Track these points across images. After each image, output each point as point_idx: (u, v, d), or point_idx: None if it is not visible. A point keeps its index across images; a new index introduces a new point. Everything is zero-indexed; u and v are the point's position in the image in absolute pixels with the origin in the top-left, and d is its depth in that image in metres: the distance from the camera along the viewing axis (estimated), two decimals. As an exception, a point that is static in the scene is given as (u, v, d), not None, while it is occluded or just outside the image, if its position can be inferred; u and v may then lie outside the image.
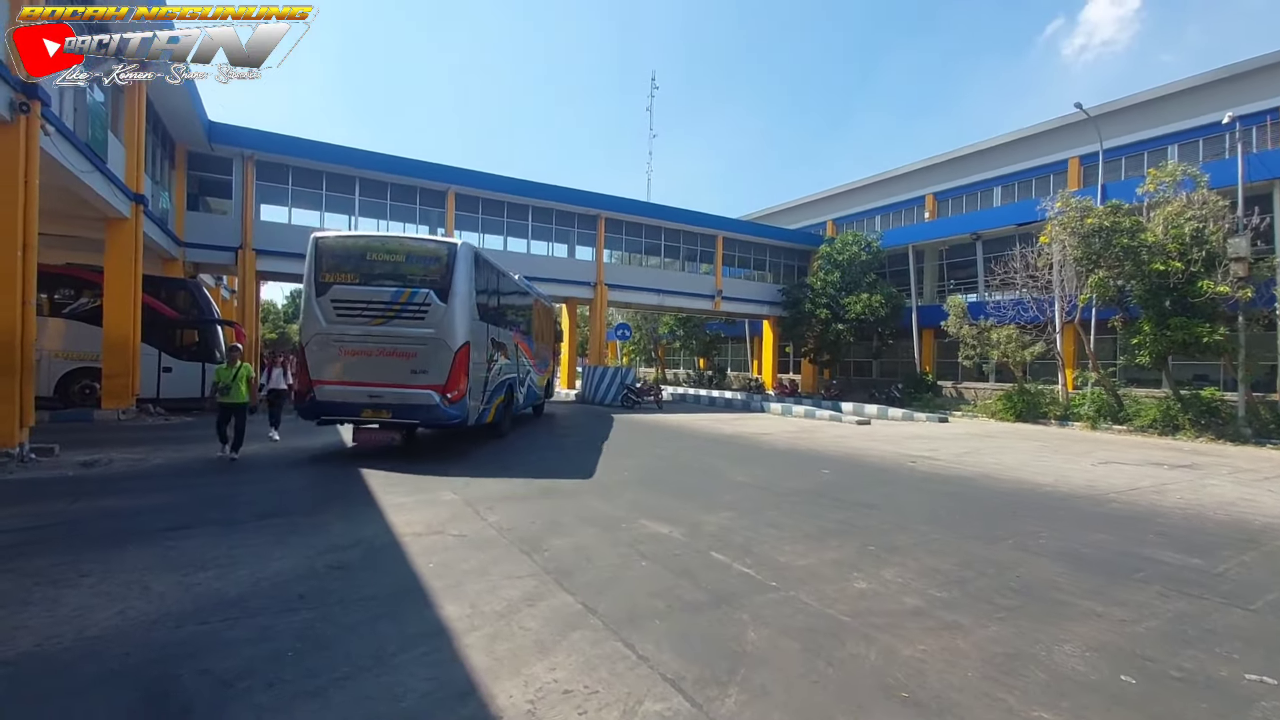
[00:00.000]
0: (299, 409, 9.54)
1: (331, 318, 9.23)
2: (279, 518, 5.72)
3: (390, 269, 9.49)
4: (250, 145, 18.89)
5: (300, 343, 9.47)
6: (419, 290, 9.31)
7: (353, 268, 9.42)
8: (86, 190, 10.42)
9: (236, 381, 8.47)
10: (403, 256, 9.65)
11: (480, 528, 5.59)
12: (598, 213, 25.51)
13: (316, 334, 9.26)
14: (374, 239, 10.60)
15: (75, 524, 5.33)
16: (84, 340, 13.36)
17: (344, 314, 9.24)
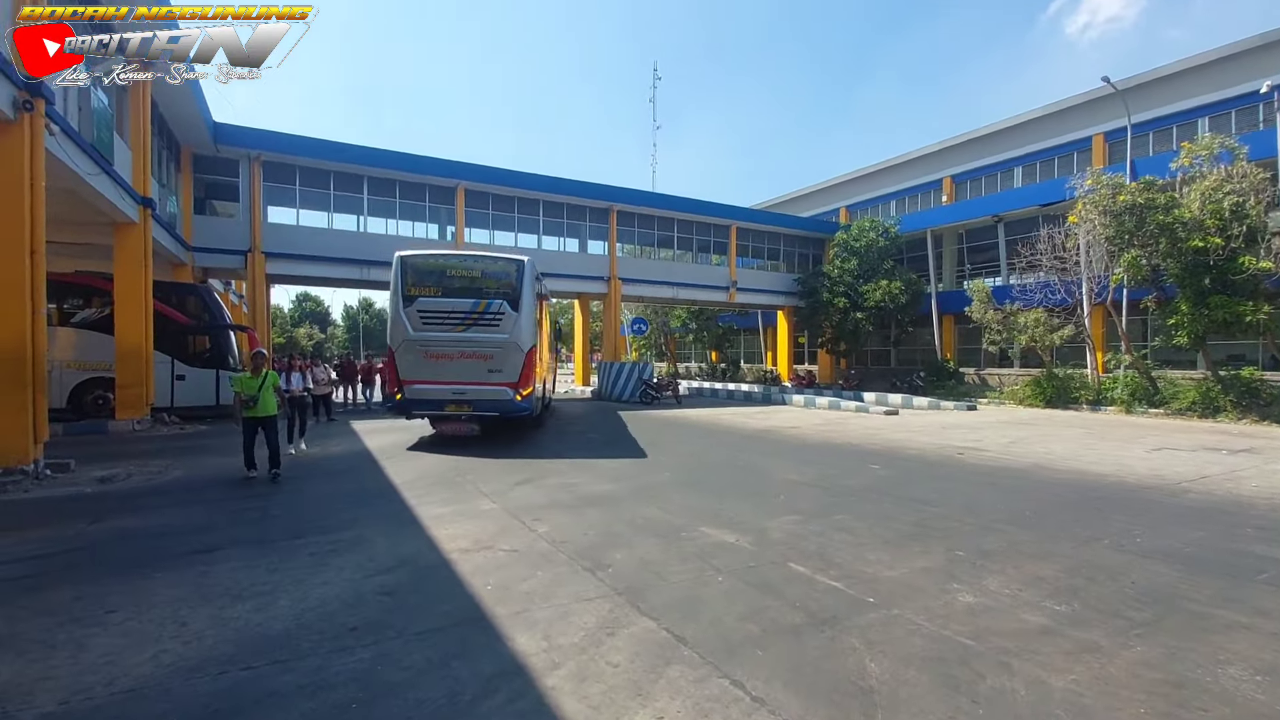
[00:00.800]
0: (390, 405, 10.85)
1: (418, 325, 10.42)
2: (314, 535, 5.31)
3: (467, 283, 10.77)
4: (257, 146, 18.48)
5: (390, 347, 10.67)
6: (494, 301, 10.62)
7: (434, 282, 10.67)
8: (93, 193, 10.02)
9: (264, 391, 7.68)
10: (478, 272, 10.99)
11: (531, 541, 5.17)
12: (609, 205, 25.00)
13: (405, 340, 10.41)
14: (452, 256, 12.02)
15: (97, 548, 4.94)
16: (96, 349, 13.02)
17: (429, 322, 10.44)
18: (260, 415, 7.67)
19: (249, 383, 7.64)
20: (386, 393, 11.17)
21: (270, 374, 7.87)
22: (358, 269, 20.55)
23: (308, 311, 73.29)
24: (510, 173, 22.91)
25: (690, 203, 26.98)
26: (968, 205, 27.65)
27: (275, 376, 8.04)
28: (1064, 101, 26.19)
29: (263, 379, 7.69)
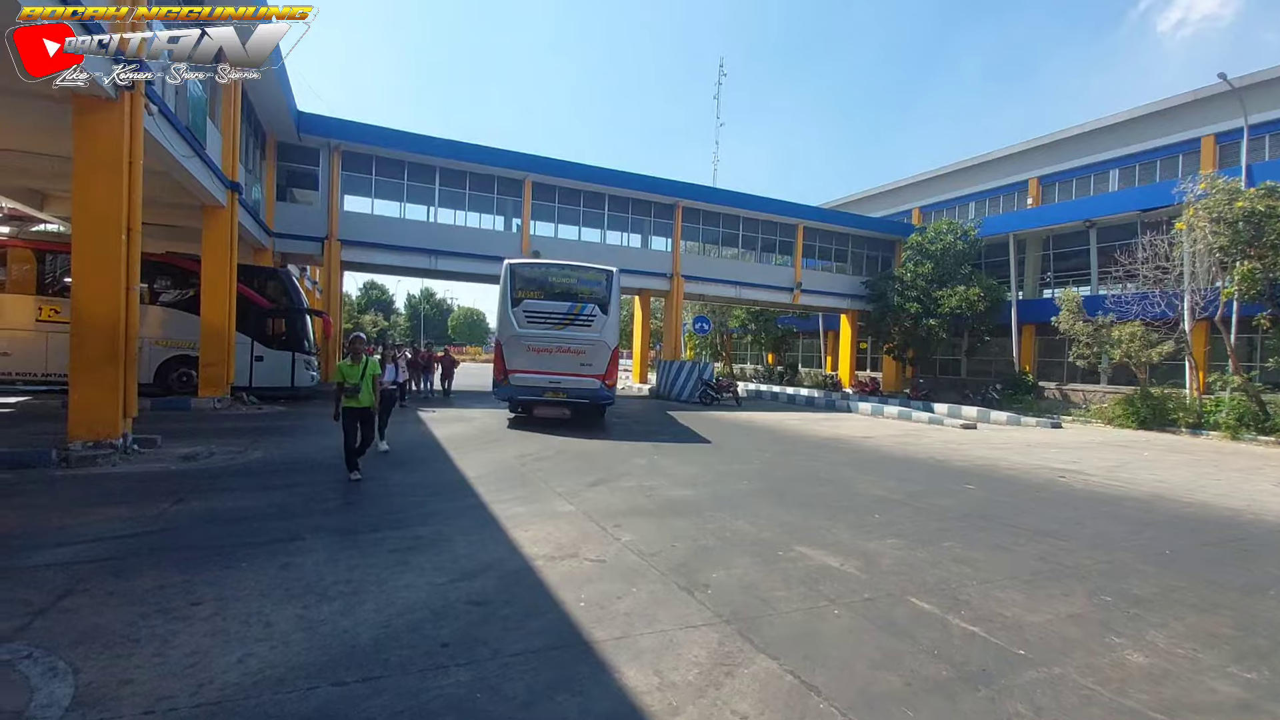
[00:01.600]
0: (497, 391, 12.29)
1: (523, 323, 11.93)
2: (394, 530, 5.11)
3: (565, 288, 12.37)
4: (337, 135, 18.91)
5: (497, 340, 12.42)
6: (587, 304, 12.21)
7: (538, 287, 12.24)
8: (186, 176, 10.29)
9: (365, 381, 6.86)
10: (575, 279, 12.56)
11: (617, 551, 4.81)
12: (675, 201, 24.56)
13: (511, 335, 11.95)
14: (553, 266, 13.31)
15: (181, 531, 4.86)
16: (182, 328, 13.50)
17: (533, 321, 11.95)
18: (360, 406, 6.90)
19: (350, 370, 6.85)
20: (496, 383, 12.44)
21: (371, 362, 7.07)
22: (427, 258, 20.83)
23: (374, 299, 75.83)
24: (577, 165, 22.78)
25: (757, 200, 26.25)
26: (1056, 209, 25.88)
27: (376, 365, 7.23)
28: (1168, 100, 24.16)
29: (364, 367, 6.91)
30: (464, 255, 21.37)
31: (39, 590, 3.58)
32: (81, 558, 4.15)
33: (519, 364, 11.90)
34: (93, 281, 7.26)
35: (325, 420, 12.21)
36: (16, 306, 12.83)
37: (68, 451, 6.92)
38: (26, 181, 12.67)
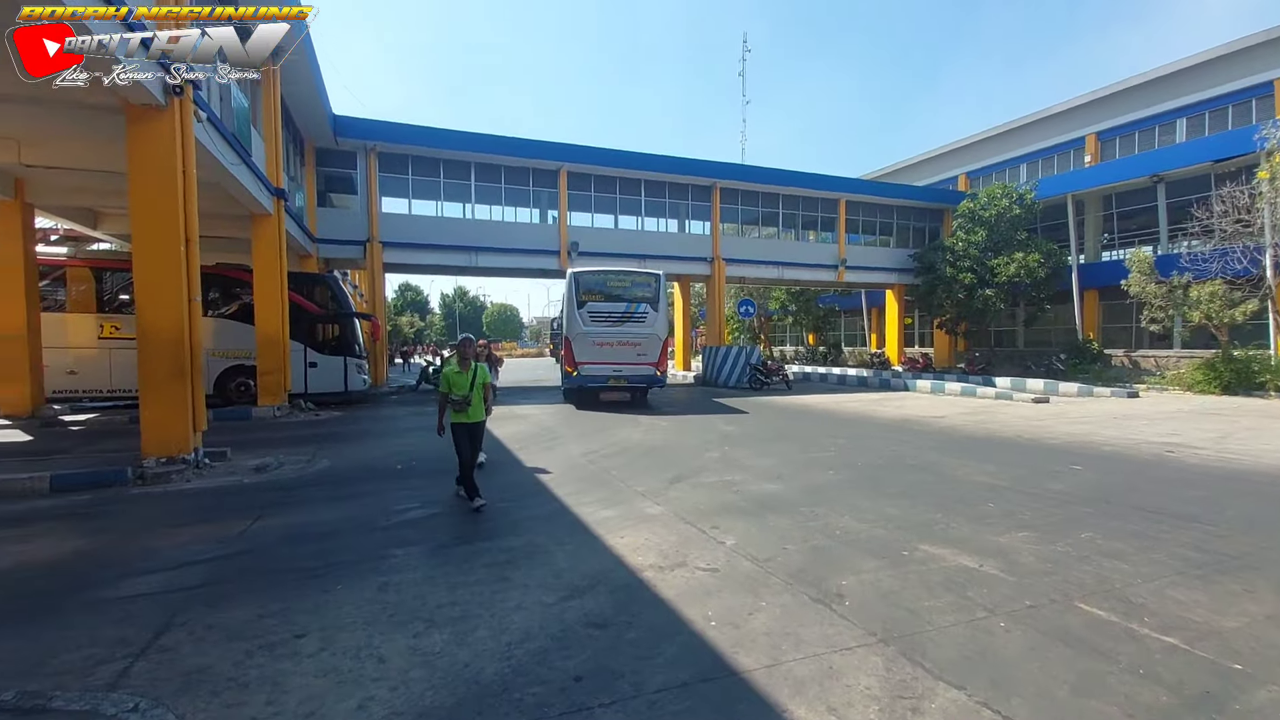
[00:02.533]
0: (567, 381, 14.45)
1: (588, 322, 13.92)
2: (484, 541, 4.82)
3: (622, 291, 14.31)
4: (373, 136, 18.82)
5: (566, 336, 14.26)
6: (641, 304, 14.31)
7: (598, 291, 14.22)
8: (235, 184, 10.20)
9: (475, 390, 5.81)
10: (629, 283, 14.48)
11: (726, 558, 4.43)
12: (712, 182, 23.89)
13: (579, 333, 13.88)
14: (611, 272, 14.99)
15: (267, 551, 4.65)
16: (237, 338, 13.58)
17: (596, 319, 13.96)
18: (472, 421, 5.85)
19: (458, 379, 5.80)
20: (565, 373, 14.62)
21: (481, 369, 5.95)
22: (466, 255, 20.70)
23: (409, 300, 76.85)
24: (611, 152, 22.31)
25: (797, 176, 25.36)
26: (1119, 165, 24.37)
27: (486, 372, 6.09)
28: (1237, 42, 22.46)
29: (473, 374, 5.84)
30: (503, 250, 21.19)
31: (134, 626, 3.36)
32: (172, 585, 3.95)
33: (586, 357, 13.91)
34: (155, 295, 7.16)
35: (382, 424, 12.16)
36: (80, 325, 13.07)
37: (142, 469, 6.85)
38: (80, 200, 12.83)
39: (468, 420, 5.84)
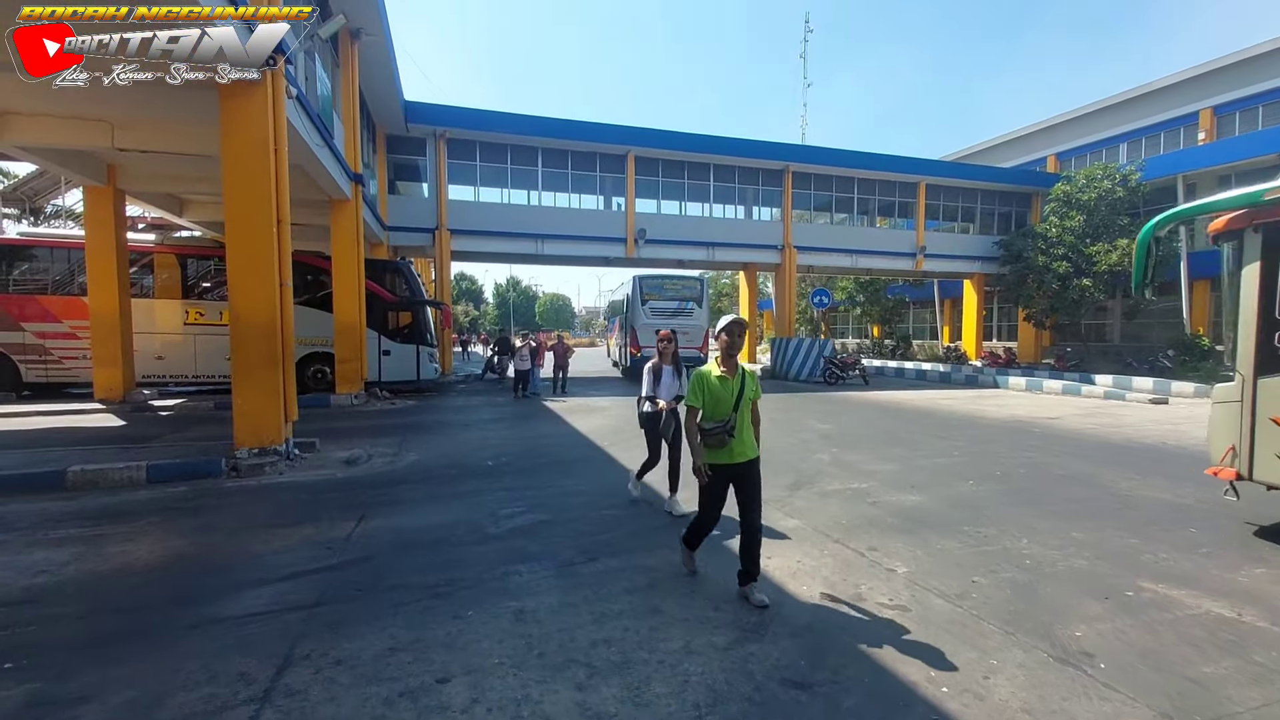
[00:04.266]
0: (633, 362, 18.52)
1: (649, 316, 18.20)
2: (612, 558, 4.25)
3: (674, 292, 18.98)
4: (443, 122, 18.61)
5: (631, 326, 18.81)
6: (689, 302, 18.93)
7: (657, 291, 18.80)
8: (318, 167, 9.99)
9: (742, 411, 3.58)
10: (680, 286, 19.21)
11: (908, 590, 3.72)
12: (784, 165, 22.82)
13: (643, 324, 18.04)
14: (666, 277, 19.63)
15: (380, 562, 4.20)
16: (314, 325, 13.52)
17: (655, 314, 18.27)
18: (739, 461, 3.57)
19: (720, 389, 3.54)
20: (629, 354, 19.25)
21: (750, 376, 3.69)
22: (533, 243, 20.37)
23: (464, 290, 78.01)
24: (681, 135, 21.54)
25: (873, 158, 24.00)
26: (1239, 142, 22.03)
27: (756, 383, 3.73)
28: None
29: (740, 383, 3.58)
30: (569, 238, 20.77)
31: (254, 656, 2.91)
32: (286, 601, 3.53)
33: (646, 342, 17.31)
34: (248, 279, 6.89)
35: (459, 415, 11.86)
36: (167, 311, 13.26)
37: (236, 460, 6.61)
38: (169, 186, 12.95)
39: (732, 460, 3.51)
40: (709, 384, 3.55)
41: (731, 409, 3.49)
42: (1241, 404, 4.83)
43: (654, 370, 5.47)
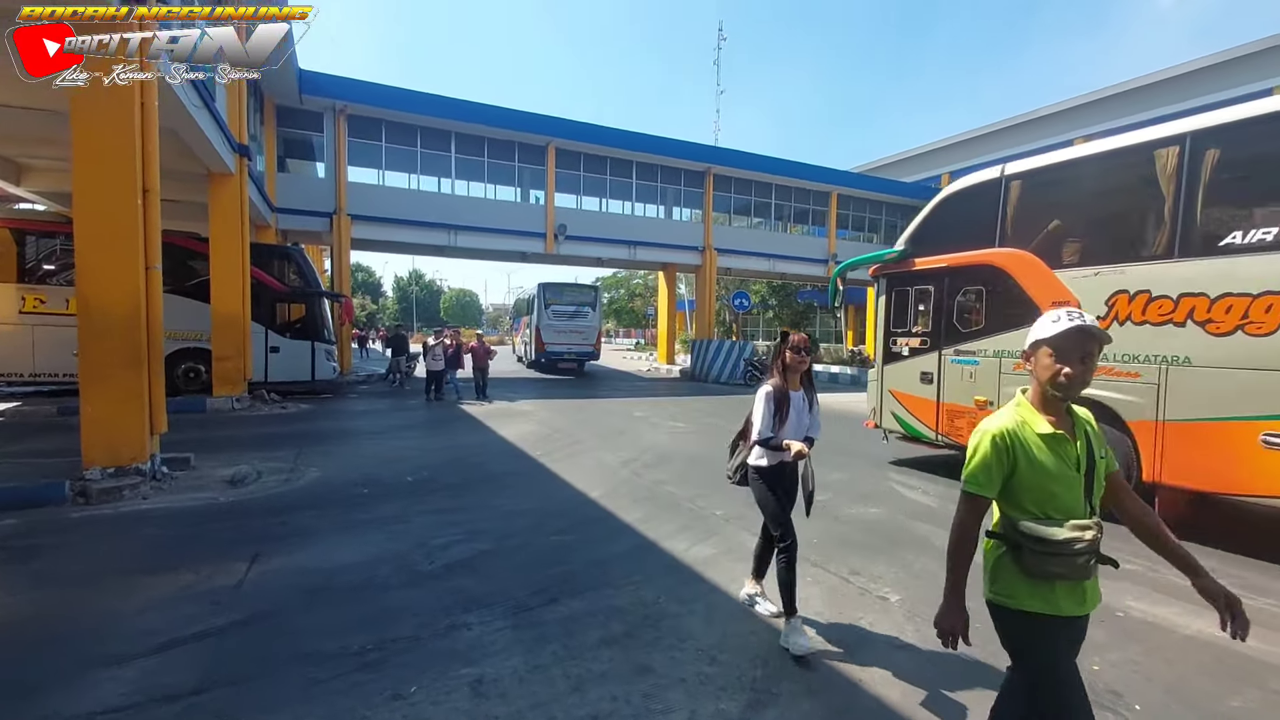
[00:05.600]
0: (538, 356, 20.97)
1: (551, 318, 20.85)
2: (574, 598, 3.62)
3: (573, 297, 21.80)
4: (344, 96, 16.87)
5: (536, 327, 20.94)
6: (585, 307, 21.66)
7: (557, 297, 21.41)
8: (195, 133, 8.53)
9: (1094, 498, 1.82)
10: (577, 292, 22.40)
11: (910, 624, 3.41)
12: (706, 167, 22.81)
13: (546, 324, 20.74)
14: (566, 285, 22.76)
15: (286, 620, 3.33)
16: (187, 316, 11.70)
17: (557, 315, 20.95)
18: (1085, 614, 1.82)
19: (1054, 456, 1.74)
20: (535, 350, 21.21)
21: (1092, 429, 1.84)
22: (445, 234, 19.02)
23: (360, 282, 73.06)
24: (605, 129, 20.91)
25: (791, 165, 24.54)
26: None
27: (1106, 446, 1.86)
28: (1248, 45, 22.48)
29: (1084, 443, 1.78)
30: (485, 230, 19.58)
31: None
32: (156, 689, 2.63)
33: (550, 339, 20.84)
34: (102, 260, 5.59)
35: (364, 420, 10.66)
36: (-3, 297, 10.99)
37: (85, 482, 5.33)
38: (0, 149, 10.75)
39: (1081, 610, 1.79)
40: (1027, 448, 1.74)
41: (1083, 497, 1.76)
42: (878, 382, 7.84)
43: (776, 397, 3.21)
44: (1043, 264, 5.95)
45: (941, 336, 6.95)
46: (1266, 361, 4.49)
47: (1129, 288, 5.31)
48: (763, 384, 3.30)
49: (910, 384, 7.31)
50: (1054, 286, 5.80)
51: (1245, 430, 4.57)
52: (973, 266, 6.59)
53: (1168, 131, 5.17)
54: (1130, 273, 5.32)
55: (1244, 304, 4.62)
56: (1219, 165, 4.86)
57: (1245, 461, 4.58)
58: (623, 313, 54.20)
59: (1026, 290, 6.05)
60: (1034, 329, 1.78)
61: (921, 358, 7.19)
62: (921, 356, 7.19)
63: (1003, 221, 6.40)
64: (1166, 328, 5.03)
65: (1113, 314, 5.38)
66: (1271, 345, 4.46)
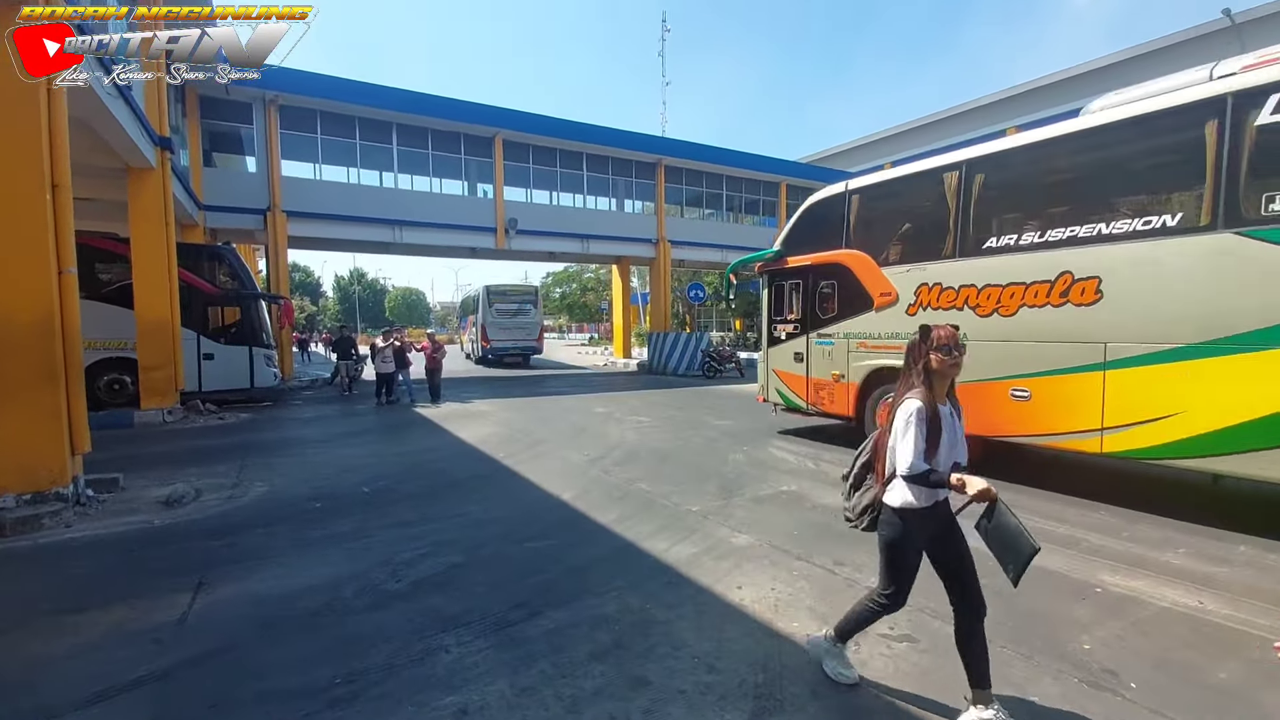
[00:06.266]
0: (484, 352, 23.05)
1: (496, 316, 22.76)
2: (558, 609, 3.43)
3: (516, 297, 23.69)
4: (274, 86, 15.89)
5: (482, 325, 23.09)
6: (527, 305, 23.79)
7: (501, 297, 23.25)
8: (109, 123, 7.81)
9: None
10: (520, 293, 24.11)
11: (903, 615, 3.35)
12: (658, 159, 22.69)
13: (490, 322, 22.77)
14: (509, 286, 24.53)
15: (241, 656, 3.02)
16: (109, 324, 10.82)
17: (501, 314, 22.90)
18: None
19: None
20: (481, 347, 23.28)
21: None
22: (389, 230, 18.28)
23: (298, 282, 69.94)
24: (553, 120, 20.50)
25: (741, 156, 24.71)
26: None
27: None
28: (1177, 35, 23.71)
29: None
30: (432, 226, 18.92)
31: None
32: (90, 747, 2.32)
33: (495, 337, 22.89)
34: (6, 263, 5.01)
35: (311, 428, 10.12)
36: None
37: (-4, 513, 4.79)
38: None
39: None
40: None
41: None
42: (765, 362, 9.02)
43: (925, 415, 2.37)
44: (874, 262, 7.22)
45: (808, 322, 8.18)
46: (1011, 335, 5.84)
47: (928, 281, 6.60)
48: (905, 399, 2.43)
49: (787, 363, 8.54)
50: (881, 281, 7.11)
51: (1001, 387, 5.91)
52: (826, 264, 7.86)
53: (953, 159, 6.45)
54: (929, 269, 6.61)
55: (997, 292, 5.96)
56: (983, 186, 6.18)
57: (1001, 410, 5.91)
58: (575, 307, 53.69)
59: (862, 283, 7.33)
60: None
61: (794, 341, 8.43)
62: (794, 340, 8.43)
63: (847, 227, 7.63)
64: (951, 311, 6.28)
65: (919, 301, 6.69)
66: (1014, 322, 5.81)
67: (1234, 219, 4.50)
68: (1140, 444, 5.01)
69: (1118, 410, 5.13)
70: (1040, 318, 5.63)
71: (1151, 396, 4.92)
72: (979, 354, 5.62)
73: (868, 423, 7.26)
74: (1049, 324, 5.57)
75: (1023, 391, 5.76)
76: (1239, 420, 4.47)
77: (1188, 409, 4.74)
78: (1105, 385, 5.20)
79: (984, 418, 5.90)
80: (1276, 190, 4.31)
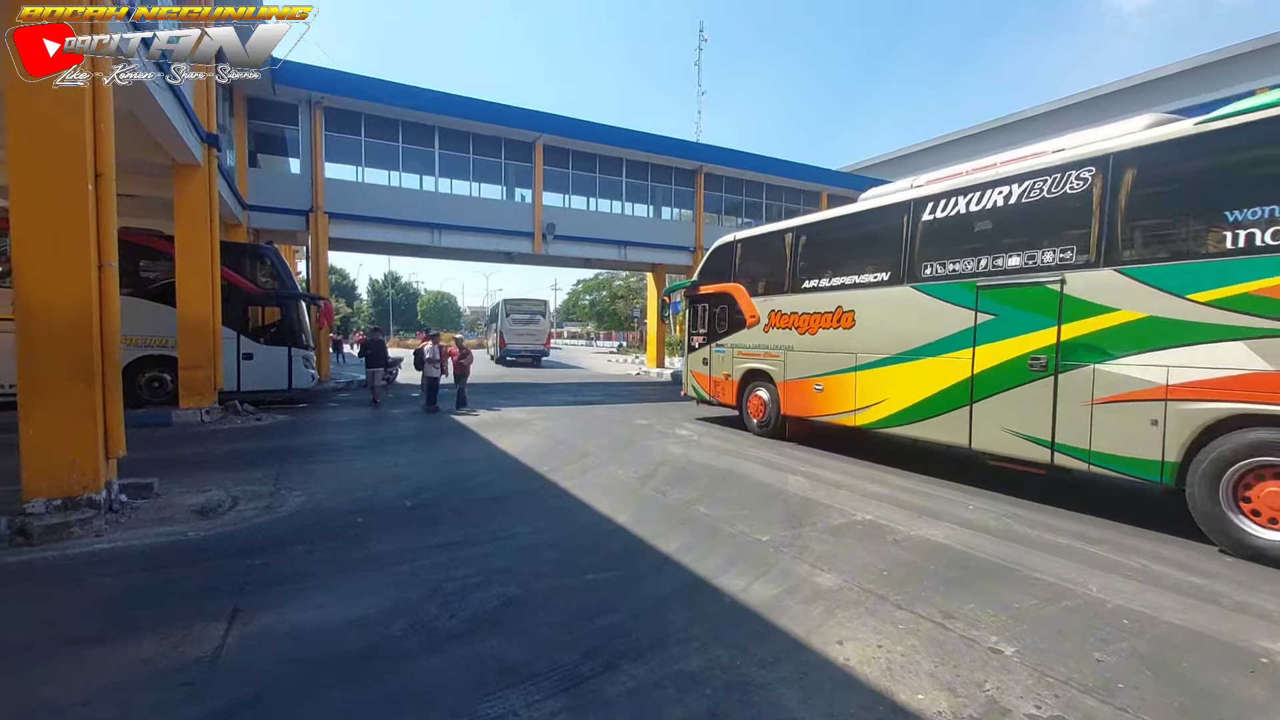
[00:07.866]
0: (499, 353, 29.23)
1: (511, 324, 28.70)
2: (637, 663, 2.97)
3: (528, 308, 29.65)
4: (320, 88, 15.95)
5: (499, 331, 29.25)
6: (537, 314, 29.66)
7: (515, 308, 29.36)
8: (158, 117, 7.68)
9: None
10: (531, 304, 30.01)
11: (1046, 690, 2.82)
12: (698, 165, 22.29)
13: (506, 329, 28.65)
14: (522, 300, 30.15)
15: (277, 710, 2.64)
16: (150, 321, 10.76)
17: (515, 321, 28.89)
18: None
19: None
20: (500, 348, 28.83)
21: None
22: (428, 233, 18.18)
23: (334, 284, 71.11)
24: (594, 126, 20.24)
25: (783, 165, 24.14)
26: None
27: None
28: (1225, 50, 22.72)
29: None
30: (470, 230, 18.80)
31: None
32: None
33: (510, 340, 28.13)
34: (45, 256, 4.78)
35: (349, 432, 9.85)
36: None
37: (25, 519, 4.52)
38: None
39: None
40: None
41: None
42: (685, 365, 11.67)
43: None
44: (747, 292, 9.89)
45: (711, 335, 10.80)
46: (815, 347, 8.49)
47: (776, 308, 9.26)
48: None
49: (699, 365, 11.18)
50: (751, 306, 9.77)
51: (810, 383, 8.61)
52: (722, 293, 10.49)
53: (790, 224, 9.18)
54: (775, 300, 9.29)
55: (810, 318, 8.62)
56: (805, 245, 8.88)
57: (811, 399, 8.63)
58: (605, 315, 53.44)
59: (741, 308, 9.98)
60: None
61: (704, 349, 11.03)
62: (704, 348, 11.03)
63: (734, 266, 10.28)
64: (789, 331, 8.97)
65: (770, 322, 9.35)
66: (817, 339, 8.45)
67: (911, 277, 7.09)
68: (871, 419, 7.60)
69: (863, 397, 7.74)
70: (828, 336, 8.27)
71: (876, 388, 7.54)
72: (801, 361, 8.76)
73: (743, 411, 10.07)
74: (833, 340, 8.21)
75: (820, 386, 8.43)
76: (913, 401, 7.04)
77: (891, 396, 7.34)
78: (856, 382, 7.83)
79: (802, 404, 8.84)
80: (928, 262, 6.89)
